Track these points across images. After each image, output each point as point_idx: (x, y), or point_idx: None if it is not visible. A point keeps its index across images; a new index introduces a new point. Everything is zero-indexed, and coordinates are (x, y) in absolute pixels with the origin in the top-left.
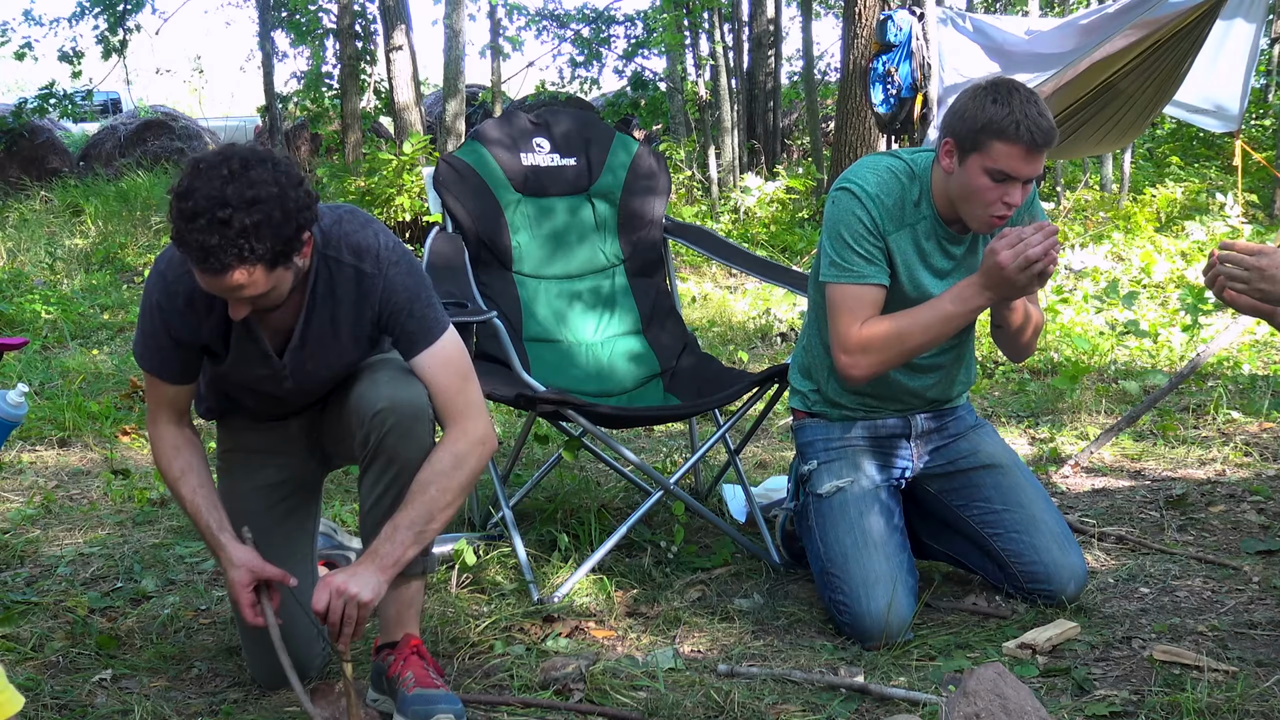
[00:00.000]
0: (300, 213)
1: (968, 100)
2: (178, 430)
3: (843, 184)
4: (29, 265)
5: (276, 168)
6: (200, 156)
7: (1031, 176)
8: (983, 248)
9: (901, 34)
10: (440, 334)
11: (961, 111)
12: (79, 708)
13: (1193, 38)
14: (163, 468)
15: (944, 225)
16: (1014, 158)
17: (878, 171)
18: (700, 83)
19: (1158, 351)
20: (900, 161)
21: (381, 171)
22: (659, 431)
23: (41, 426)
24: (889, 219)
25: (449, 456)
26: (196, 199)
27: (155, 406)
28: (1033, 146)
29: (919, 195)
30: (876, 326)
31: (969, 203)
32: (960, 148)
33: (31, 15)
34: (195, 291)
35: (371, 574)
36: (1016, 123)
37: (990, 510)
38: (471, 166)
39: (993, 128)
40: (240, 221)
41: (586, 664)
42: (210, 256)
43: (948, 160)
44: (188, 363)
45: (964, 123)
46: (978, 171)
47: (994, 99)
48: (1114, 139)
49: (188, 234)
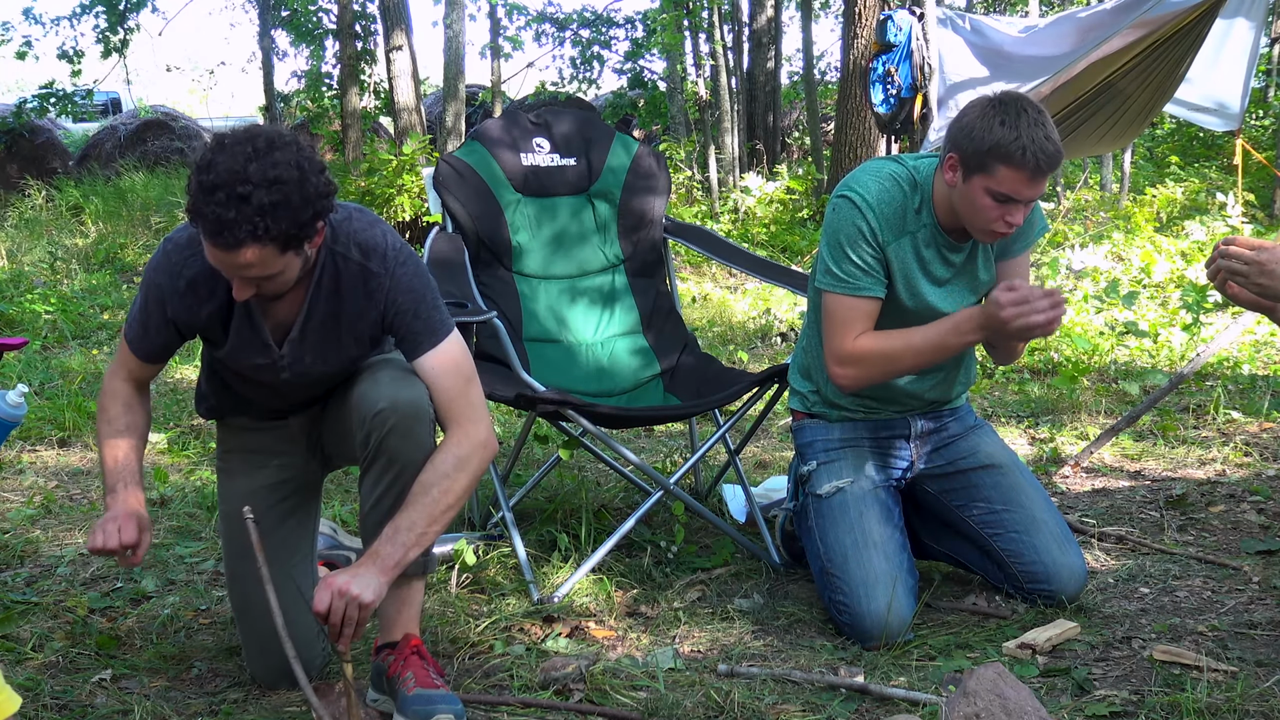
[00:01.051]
0: (318, 199)
1: (976, 118)
2: (136, 393)
3: (843, 191)
4: (29, 265)
5: (300, 152)
6: (225, 133)
7: (1034, 198)
8: (982, 257)
9: (901, 34)
10: (445, 336)
11: (969, 130)
12: (79, 708)
13: (1192, 37)
14: (109, 414)
15: (944, 234)
16: (1018, 182)
17: (880, 179)
18: (700, 83)
19: (1158, 351)
20: (903, 169)
21: (381, 171)
22: (659, 431)
23: (41, 426)
24: (889, 228)
25: (451, 458)
26: (218, 172)
27: (120, 365)
28: (1038, 172)
29: (920, 203)
30: (870, 342)
31: (971, 218)
32: (965, 165)
33: (32, 14)
34: (199, 274)
35: (372, 575)
36: (1024, 148)
37: (990, 510)
38: (472, 166)
39: (999, 152)
40: (259, 199)
41: (586, 664)
42: (225, 230)
43: (951, 174)
44: (167, 346)
45: (971, 142)
46: (981, 192)
47: (1002, 120)
48: (1113, 139)
49: (205, 206)
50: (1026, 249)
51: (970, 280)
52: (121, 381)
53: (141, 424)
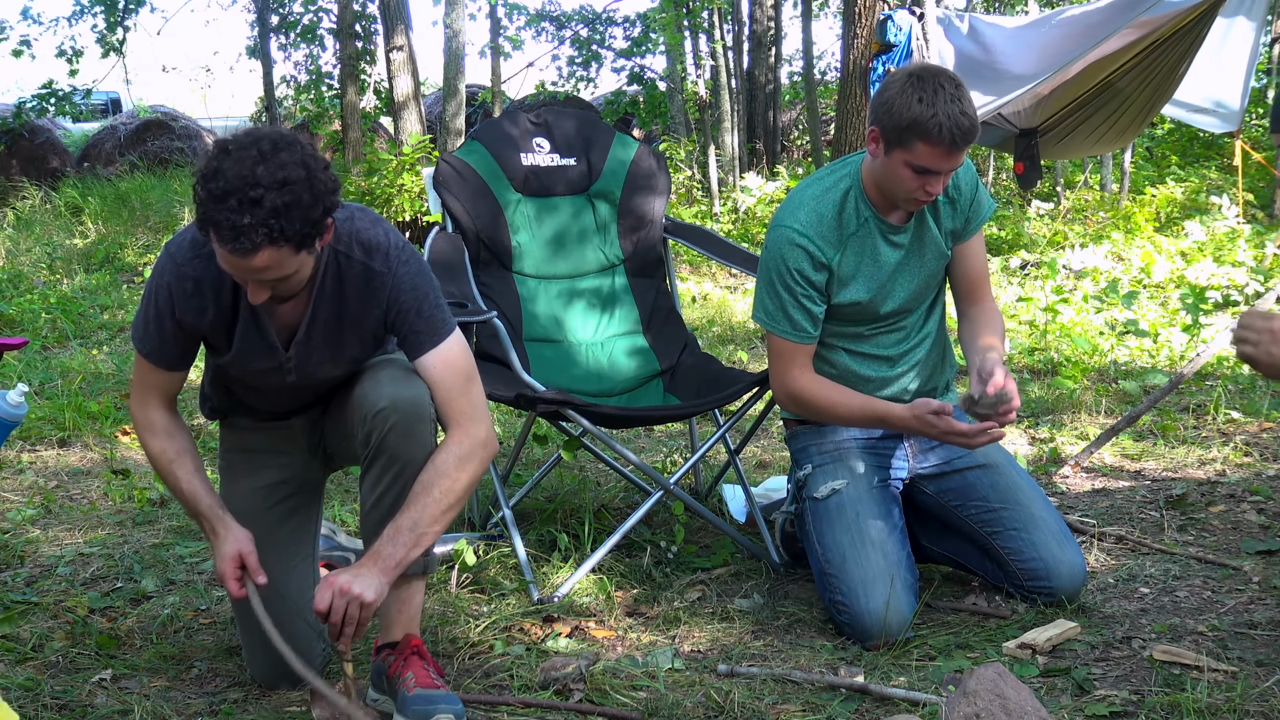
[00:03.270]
0: (327, 196)
1: (895, 94)
2: (168, 415)
3: (776, 224)
4: (29, 265)
5: (304, 150)
6: (226, 139)
7: (952, 169)
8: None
9: (901, 34)
10: (447, 335)
11: (889, 105)
12: (79, 708)
13: (1192, 37)
14: (154, 451)
15: (883, 220)
16: (935, 157)
17: (805, 204)
18: (700, 83)
19: (1158, 351)
20: (827, 178)
21: (381, 171)
22: (659, 431)
23: (41, 426)
24: (829, 244)
25: (452, 458)
26: (228, 179)
27: (144, 390)
28: (954, 147)
29: (855, 198)
30: (811, 386)
31: (893, 188)
32: (885, 140)
33: (30, 14)
34: (205, 277)
35: (374, 575)
36: (940, 125)
37: (988, 509)
38: (471, 166)
39: (916, 128)
40: (272, 201)
41: (586, 664)
42: (241, 236)
43: (874, 146)
44: (186, 350)
45: (890, 118)
46: (901, 164)
47: (920, 97)
48: (1113, 139)
49: (218, 214)
50: (978, 231)
51: (921, 250)
52: (151, 410)
53: (188, 444)
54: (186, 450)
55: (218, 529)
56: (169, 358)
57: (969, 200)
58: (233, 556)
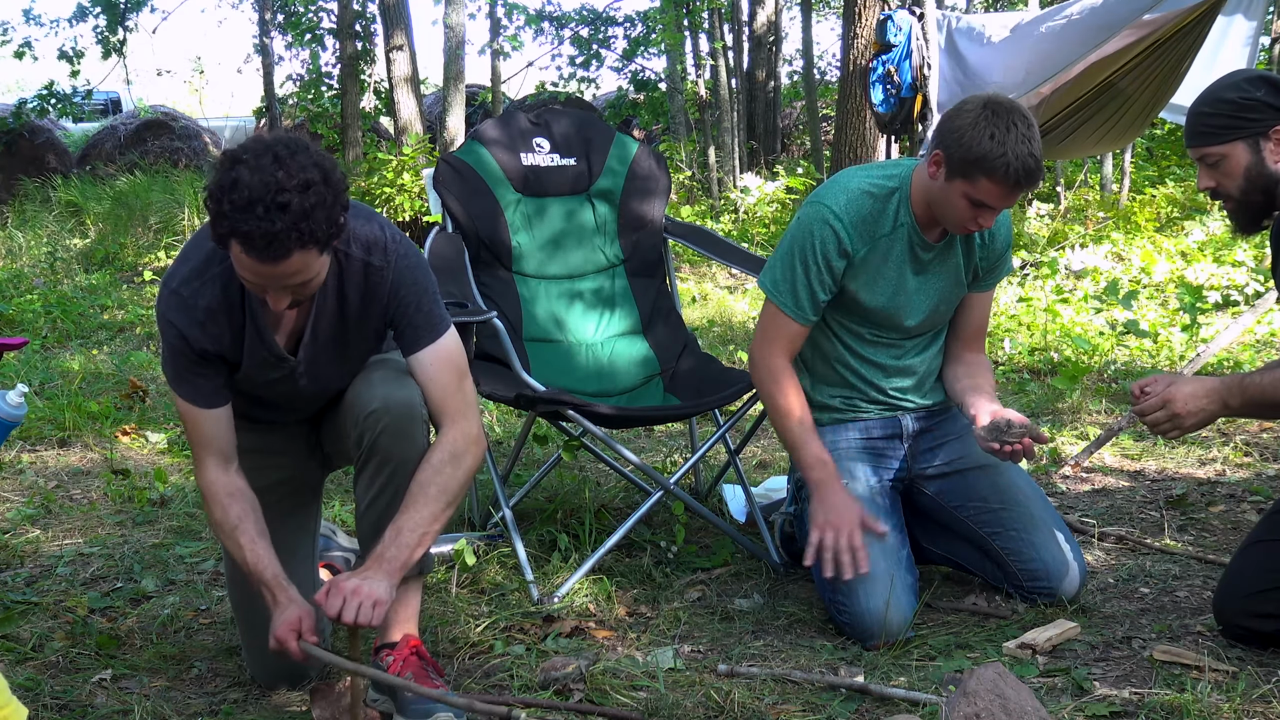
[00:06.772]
0: (342, 193)
1: (968, 125)
2: (228, 477)
3: (814, 200)
4: (29, 265)
5: (315, 152)
6: (233, 150)
7: (1010, 206)
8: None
9: (901, 34)
10: (443, 331)
11: (959, 134)
12: (79, 708)
13: (1192, 37)
14: (216, 517)
15: (919, 232)
16: (997, 195)
17: (848, 193)
18: (700, 83)
19: (1158, 351)
20: (876, 177)
21: (381, 171)
22: (659, 431)
23: (41, 426)
24: (859, 236)
25: (446, 455)
26: (251, 187)
27: (200, 449)
28: (1017, 187)
29: (897, 205)
30: (781, 378)
31: (944, 213)
32: (949, 167)
33: (31, 15)
34: (213, 302)
35: (381, 577)
36: (1008, 165)
37: (987, 509)
38: (471, 166)
39: (984, 164)
40: (299, 205)
41: (586, 664)
42: (274, 242)
43: (934, 169)
44: (218, 385)
45: (960, 148)
46: (959, 194)
47: (992, 133)
48: (1113, 139)
49: (246, 223)
50: (991, 288)
51: (940, 280)
52: (209, 473)
53: (247, 506)
54: (247, 513)
55: (279, 598)
56: (206, 394)
57: (1000, 251)
58: (292, 623)
